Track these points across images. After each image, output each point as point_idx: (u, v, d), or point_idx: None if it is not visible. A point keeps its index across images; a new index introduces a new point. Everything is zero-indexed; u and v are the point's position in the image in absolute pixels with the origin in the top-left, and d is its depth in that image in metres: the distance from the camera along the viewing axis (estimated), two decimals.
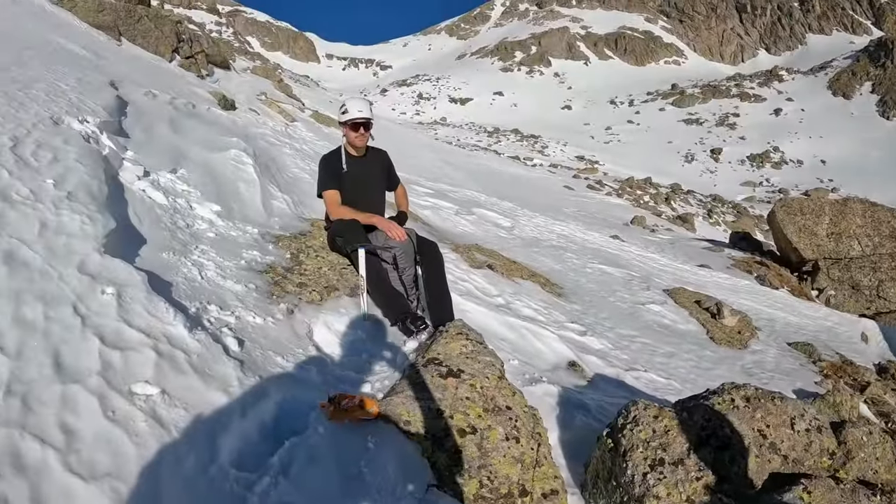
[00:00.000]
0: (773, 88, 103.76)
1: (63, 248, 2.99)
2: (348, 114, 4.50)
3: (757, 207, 49.38)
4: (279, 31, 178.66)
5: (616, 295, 8.12)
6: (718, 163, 74.35)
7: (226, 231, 4.70)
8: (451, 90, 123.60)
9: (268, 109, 16.64)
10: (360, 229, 4.30)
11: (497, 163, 39.55)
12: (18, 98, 5.19)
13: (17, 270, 2.66)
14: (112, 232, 3.40)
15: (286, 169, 8.96)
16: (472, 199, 14.88)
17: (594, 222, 20.06)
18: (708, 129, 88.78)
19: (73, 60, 9.03)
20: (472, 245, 8.12)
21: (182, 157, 6.15)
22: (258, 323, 3.39)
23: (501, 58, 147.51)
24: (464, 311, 4.77)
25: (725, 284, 11.69)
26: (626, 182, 47.74)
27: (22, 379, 2.14)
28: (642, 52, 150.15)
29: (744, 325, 7.70)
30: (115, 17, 15.49)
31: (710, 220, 38.39)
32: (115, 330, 2.57)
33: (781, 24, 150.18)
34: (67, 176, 3.86)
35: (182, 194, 5.07)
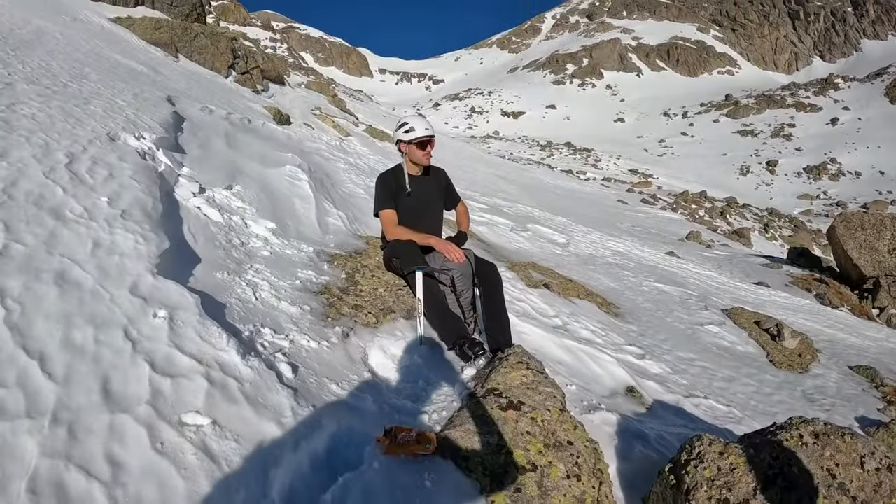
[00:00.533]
0: (828, 97, 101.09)
1: (115, 268, 2.96)
2: (415, 132, 4.40)
3: (814, 221, 48.03)
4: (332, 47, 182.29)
5: (673, 315, 7.87)
6: (774, 175, 72.59)
7: (281, 249, 4.66)
8: (503, 104, 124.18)
9: (322, 124, 16.84)
10: (417, 251, 4.19)
11: (550, 177, 39.39)
12: (76, 114, 5.28)
13: (68, 292, 2.63)
14: (166, 251, 3.37)
15: (341, 184, 8.97)
16: (526, 214, 14.76)
17: (649, 238, 19.71)
18: (763, 140, 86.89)
19: (131, 76, 9.26)
20: (528, 263, 7.98)
21: (238, 172, 6.17)
22: (313, 347, 3.30)
23: (553, 70, 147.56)
24: (521, 332, 4.64)
25: (785, 304, 11.28)
26: (680, 196, 46.99)
27: (69, 406, 2.08)
28: (695, 63, 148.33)
29: (804, 348, 7.36)
30: (172, 34, 15.95)
31: (766, 235, 37.40)
32: (165, 356, 2.50)
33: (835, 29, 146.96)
34: (122, 193, 3.87)
35: (237, 211, 5.06)
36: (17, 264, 2.67)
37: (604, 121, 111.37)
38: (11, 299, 2.44)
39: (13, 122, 4.36)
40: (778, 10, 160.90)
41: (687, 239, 22.70)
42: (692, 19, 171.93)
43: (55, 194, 3.44)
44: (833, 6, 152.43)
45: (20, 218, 3.04)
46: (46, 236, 2.98)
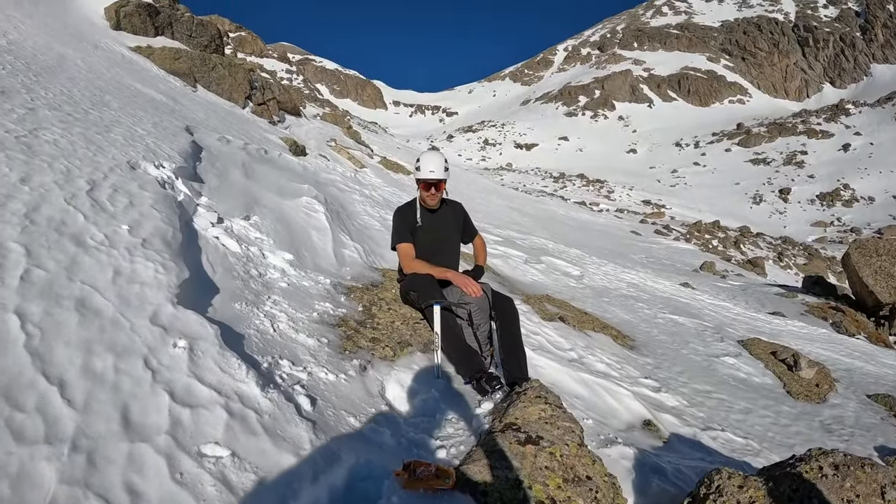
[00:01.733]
0: (840, 123, 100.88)
1: (136, 297, 2.98)
2: (420, 172, 4.46)
3: (829, 248, 47.67)
4: (347, 79, 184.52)
5: (689, 347, 7.82)
6: (787, 203, 72.19)
7: (298, 281, 4.69)
8: (516, 135, 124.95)
9: (337, 155, 16.98)
10: (434, 284, 4.22)
11: (563, 208, 39.41)
12: (97, 141, 5.35)
13: (88, 319, 2.64)
14: (185, 281, 3.39)
15: (356, 216, 9.03)
16: (540, 246, 14.77)
17: (663, 269, 19.62)
18: (775, 168, 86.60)
19: (151, 105, 9.38)
20: (543, 296, 7.99)
21: (255, 203, 6.23)
22: (330, 380, 3.30)
23: (565, 102, 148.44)
24: (536, 366, 4.62)
25: (801, 333, 11.17)
26: (693, 226, 46.90)
27: (89, 434, 2.08)
28: (706, 93, 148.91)
29: (822, 377, 7.28)
30: (190, 64, 16.17)
31: (780, 264, 37.19)
32: (185, 386, 2.51)
33: (845, 55, 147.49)
34: (143, 222, 3.90)
35: (255, 242, 5.10)
36: (39, 289, 2.69)
37: (616, 152, 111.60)
38: (32, 324, 2.45)
39: (35, 147, 4.42)
40: (787, 37, 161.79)
41: (701, 269, 22.58)
42: (702, 49, 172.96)
43: (76, 221, 3.46)
44: (842, 32, 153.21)
45: (42, 243, 3.06)
46: (68, 262, 3.00)
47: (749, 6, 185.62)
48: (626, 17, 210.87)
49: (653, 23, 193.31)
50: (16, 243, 2.94)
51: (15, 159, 3.96)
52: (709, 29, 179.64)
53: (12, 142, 4.30)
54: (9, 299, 2.53)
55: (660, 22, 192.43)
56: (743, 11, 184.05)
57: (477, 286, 4.12)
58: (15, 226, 3.09)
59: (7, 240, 2.93)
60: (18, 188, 3.54)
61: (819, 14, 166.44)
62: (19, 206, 3.32)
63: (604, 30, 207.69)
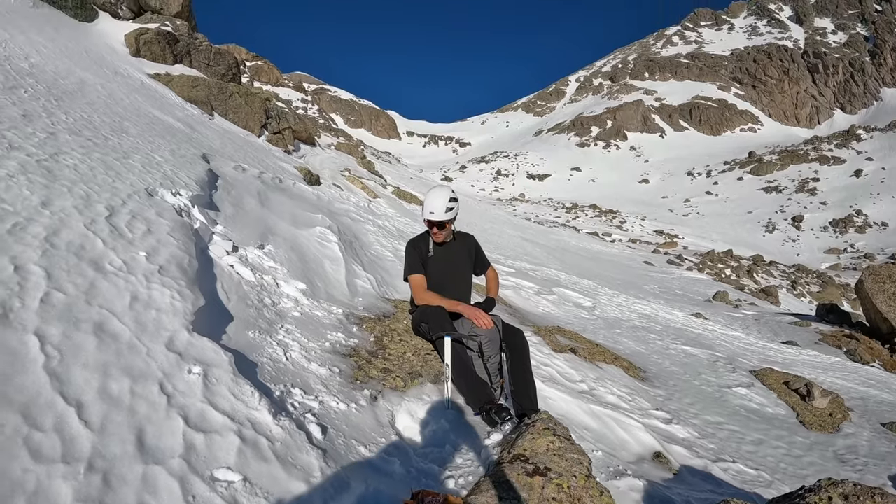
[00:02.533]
0: (851, 149, 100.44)
1: (152, 323, 3.03)
2: (424, 211, 4.53)
3: (843, 275, 47.21)
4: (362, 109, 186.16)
5: (701, 378, 7.77)
6: (800, 230, 71.65)
7: (311, 310, 4.74)
8: (528, 166, 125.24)
9: (351, 185, 17.11)
10: (445, 316, 4.25)
11: (576, 239, 39.36)
12: (116, 167, 5.44)
13: (106, 343, 2.69)
14: (201, 308, 3.44)
15: (369, 246, 9.09)
16: (552, 277, 14.77)
17: (675, 299, 19.51)
18: (788, 196, 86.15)
19: (168, 132, 9.50)
20: (554, 327, 7.99)
21: (269, 232, 6.30)
22: (341, 409, 3.34)
23: (578, 133, 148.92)
24: (546, 398, 4.63)
25: (814, 362, 11.06)
26: (706, 255, 46.69)
27: (104, 455, 2.12)
28: (717, 121, 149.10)
29: (835, 407, 7.22)
30: (208, 92, 16.39)
31: (794, 292, 36.88)
32: (199, 412, 2.55)
33: (854, 80, 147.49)
34: (160, 249, 3.96)
35: (269, 271, 5.16)
36: (58, 312, 2.74)
37: (628, 182, 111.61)
38: (51, 346, 2.50)
39: (56, 171, 4.49)
40: (797, 64, 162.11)
41: (714, 299, 22.43)
42: (713, 78, 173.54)
43: (95, 246, 3.52)
44: (851, 57, 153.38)
45: (62, 267, 3.11)
46: (86, 287, 3.05)
47: (758, 34, 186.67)
48: (636, 48, 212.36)
49: (663, 53, 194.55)
50: (37, 266, 3.00)
51: (36, 183, 4.03)
52: (719, 58, 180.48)
53: (34, 165, 4.38)
54: (29, 321, 2.58)
55: (670, 52, 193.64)
56: (753, 39, 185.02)
57: (488, 318, 4.15)
58: (36, 248, 3.15)
59: (28, 262, 2.99)
60: (39, 211, 3.61)
61: (828, 40, 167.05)
62: (40, 230, 3.38)
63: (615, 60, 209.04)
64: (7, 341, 2.41)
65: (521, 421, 3.48)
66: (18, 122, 5.65)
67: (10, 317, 2.55)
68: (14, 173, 4.05)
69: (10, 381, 2.22)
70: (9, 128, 5.29)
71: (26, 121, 5.81)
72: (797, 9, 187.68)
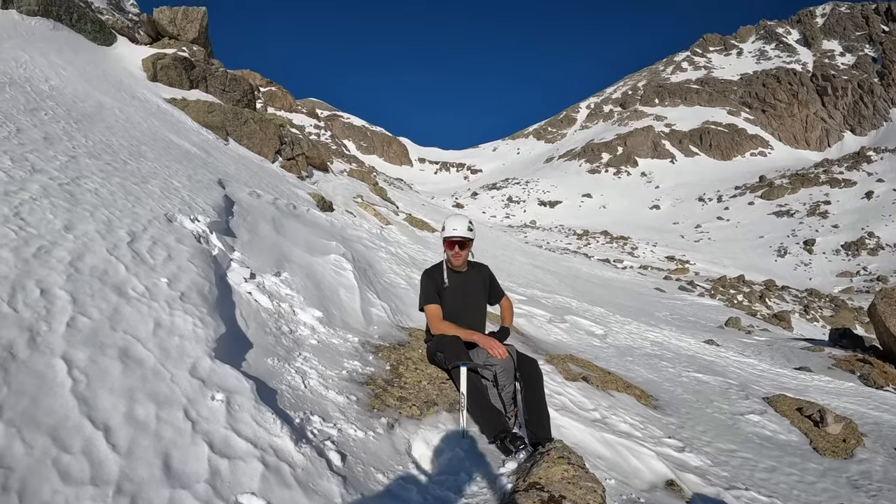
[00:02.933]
0: (862, 171, 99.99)
1: (176, 349, 3.10)
2: (446, 230, 4.66)
3: (855, 299, 46.64)
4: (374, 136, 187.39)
5: (713, 405, 7.74)
6: (812, 254, 71.03)
7: (327, 338, 4.80)
8: (540, 193, 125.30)
9: (363, 212, 17.20)
10: (461, 346, 4.31)
11: (587, 266, 39.24)
12: (135, 192, 5.56)
13: (131, 368, 2.76)
14: (222, 336, 3.51)
15: (382, 274, 9.16)
16: (564, 305, 14.76)
17: (687, 326, 19.41)
18: (799, 220, 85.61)
19: (185, 157, 9.63)
20: (567, 355, 8.00)
21: (285, 259, 6.39)
22: (359, 437, 3.39)
23: (588, 159, 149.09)
24: (560, 426, 4.65)
25: (827, 388, 10.96)
26: (718, 281, 46.43)
27: (132, 478, 2.18)
28: (727, 146, 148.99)
29: (849, 432, 7.15)
30: (223, 118, 16.63)
31: (807, 317, 36.52)
32: (223, 438, 2.61)
33: (864, 102, 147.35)
34: (180, 276, 4.05)
35: (286, 298, 5.24)
36: (84, 337, 2.81)
37: (639, 208, 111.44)
38: (78, 370, 2.57)
39: (78, 195, 4.59)
40: (806, 87, 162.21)
41: (726, 326, 22.28)
42: (723, 103, 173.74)
43: (118, 271, 3.60)
44: (860, 79, 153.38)
45: (86, 292, 3.19)
46: (111, 312, 3.12)
47: (767, 58, 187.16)
48: (646, 74, 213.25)
49: (673, 78, 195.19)
50: (62, 290, 3.08)
51: (59, 206, 4.13)
52: (728, 83, 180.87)
53: (56, 189, 4.49)
54: (56, 344, 2.66)
55: (680, 77, 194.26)
56: (761, 64, 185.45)
57: (503, 348, 4.21)
58: (61, 273, 3.24)
59: (54, 286, 3.07)
60: (63, 235, 3.70)
61: (836, 62, 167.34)
62: (64, 254, 3.47)
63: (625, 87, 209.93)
64: (35, 364, 2.48)
65: (536, 449, 3.52)
66: (40, 145, 5.78)
67: (37, 340, 2.62)
68: (37, 196, 4.15)
69: (38, 404, 2.29)
70: (31, 150, 5.42)
71: (47, 143, 5.94)
72: (805, 32, 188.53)
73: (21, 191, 4.16)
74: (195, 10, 22.86)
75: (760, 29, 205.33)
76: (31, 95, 8.45)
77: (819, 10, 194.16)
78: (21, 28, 14.25)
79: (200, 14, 22.84)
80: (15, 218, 3.66)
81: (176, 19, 22.23)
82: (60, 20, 17.16)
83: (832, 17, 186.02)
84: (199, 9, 22.98)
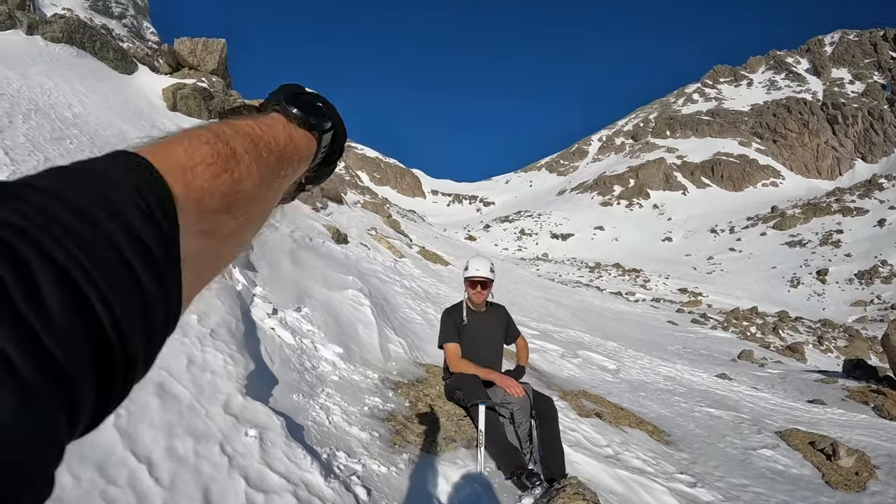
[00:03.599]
0: (874, 198, 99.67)
1: (209, 385, 3.23)
2: (468, 271, 4.86)
3: (869, 328, 46.03)
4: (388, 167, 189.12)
5: (725, 440, 7.76)
6: (826, 284, 70.38)
7: (348, 374, 4.94)
8: (552, 225, 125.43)
9: (377, 244, 17.31)
10: (479, 385, 4.44)
11: (599, 299, 39.02)
12: None
13: (168, 403, 2.89)
14: (251, 372, 3.66)
15: (398, 309, 9.28)
16: (576, 339, 14.78)
17: (700, 360, 19.30)
18: (812, 249, 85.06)
19: None
20: (580, 391, 8.07)
21: (305, 294, 6.54)
22: (383, 472, 3.50)
23: (601, 192, 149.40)
24: (574, 462, 4.72)
25: (840, 420, 10.90)
26: (731, 313, 46.04)
27: None
28: (739, 177, 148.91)
29: (861, 465, 7.15)
30: None
31: (821, 348, 36.04)
32: (258, 472, 2.74)
33: (874, 129, 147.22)
34: (209, 312, 4.19)
35: (307, 334, 5.39)
36: None
37: (651, 240, 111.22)
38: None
39: None
40: (816, 116, 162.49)
41: (739, 358, 22.12)
42: (734, 134, 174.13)
43: None
44: (869, 106, 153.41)
45: None
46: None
47: (777, 88, 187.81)
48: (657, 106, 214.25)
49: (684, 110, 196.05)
50: None
51: None
52: (739, 113, 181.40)
53: None
54: None
55: (691, 109, 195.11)
56: (772, 94, 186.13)
57: (520, 387, 4.35)
58: None
59: None
60: None
61: (846, 90, 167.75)
62: None
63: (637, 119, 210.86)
64: None
65: (551, 485, 3.64)
66: None
67: None
68: None
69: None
70: None
71: None
72: (814, 61, 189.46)
73: None
74: (215, 41, 23.23)
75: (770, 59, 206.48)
76: (55, 123, 8.63)
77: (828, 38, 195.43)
78: (45, 54, 14.55)
79: (220, 46, 23.21)
80: None
81: (196, 50, 22.62)
82: (83, 47, 17.53)
83: (841, 46, 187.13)
84: (218, 40, 23.35)
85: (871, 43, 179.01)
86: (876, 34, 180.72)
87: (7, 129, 7.02)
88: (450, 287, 15.00)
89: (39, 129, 7.84)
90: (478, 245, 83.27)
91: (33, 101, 9.75)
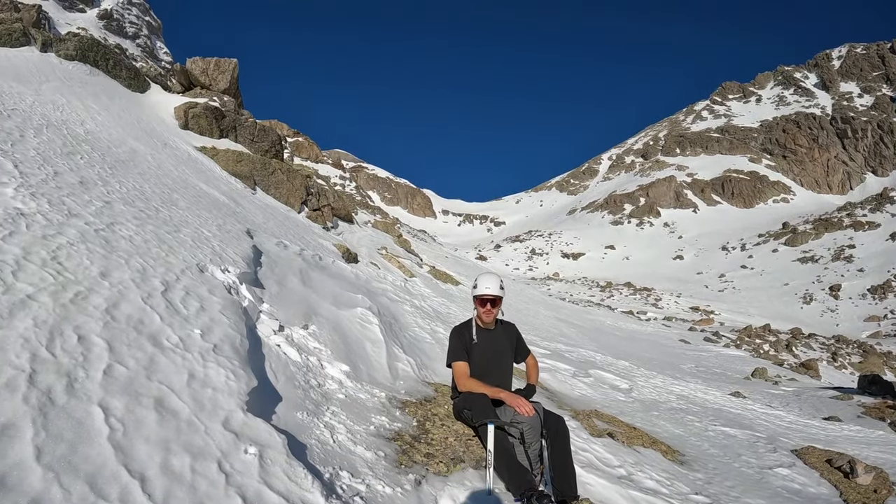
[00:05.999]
0: (885, 212, 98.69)
1: (209, 401, 3.16)
2: (478, 289, 4.76)
3: (884, 343, 45.65)
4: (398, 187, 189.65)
5: (741, 460, 7.61)
6: (839, 300, 69.51)
7: (354, 393, 4.85)
8: (563, 245, 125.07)
9: (388, 263, 17.30)
10: (488, 404, 4.34)
11: (611, 318, 38.85)
12: (168, 241, 5.71)
13: (166, 419, 2.82)
14: (253, 389, 3.58)
15: (407, 328, 9.21)
16: (588, 359, 14.65)
17: (713, 378, 19.11)
18: (824, 265, 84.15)
19: (214, 206, 9.81)
20: (592, 411, 7.95)
21: (312, 312, 6.48)
22: (387, 493, 3.39)
23: (611, 211, 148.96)
24: (585, 483, 4.61)
25: (857, 437, 10.71)
26: (743, 331, 45.69)
27: None
28: (750, 194, 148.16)
29: (880, 482, 6.98)
30: (251, 167, 16.98)
31: (835, 364, 35.66)
32: (256, 491, 2.64)
33: (884, 142, 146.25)
34: (213, 327, 4.14)
35: (314, 352, 5.32)
36: (120, 385, 2.87)
37: (663, 259, 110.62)
38: (115, 418, 2.63)
39: (113, 242, 4.72)
40: (826, 131, 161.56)
41: (752, 377, 21.90)
42: (743, 150, 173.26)
43: (153, 321, 3.69)
44: (879, 119, 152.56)
45: (122, 340, 3.27)
46: (146, 362, 3.20)
47: (786, 104, 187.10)
48: (667, 124, 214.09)
49: (693, 128, 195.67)
50: (99, 337, 3.17)
51: (95, 253, 4.26)
52: (748, 130, 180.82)
53: (92, 234, 4.62)
54: (93, 392, 2.72)
55: (700, 126, 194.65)
56: (780, 109, 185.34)
57: (530, 406, 4.24)
58: (97, 320, 3.33)
59: (91, 333, 3.16)
60: (99, 282, 3.81)
61: (855, 104, 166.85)
62: (101, 301, 3.57)
63: (646, 137, 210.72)
64: (73, 411, 2.54)
65: None
66: (76, 189, 5.96)
67: (75, 386, 2.69)
68: (74, 241, 4.29)
69: (76, 450, 2.35)
70: (68, 194, 5.60)
71: (83, 188, 6.12)
72: (822, 75, 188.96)
73: (58, 235, 4.29)
74: (227, 61, 23.57)
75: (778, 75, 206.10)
76: (67, 139, 8.69)
77: (835, 52, 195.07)
78: (59, 72, 14.76)
79: (232, 65, 23.52)
80: (53, 262, 3.78)
81: (208, 70, 22.94)
82: (97, 66, 17.84)
83: (848, 59, 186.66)
84: (230, 60, 23.68)
85: (879, 56, 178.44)
86: (883, 47, 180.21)
87: (18, 143, 7.05)
88: (459, 307, 14.92)
89: (50, 144, 7.88)
90: (488, 265, 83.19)
91: (45, 116, 9.84)
